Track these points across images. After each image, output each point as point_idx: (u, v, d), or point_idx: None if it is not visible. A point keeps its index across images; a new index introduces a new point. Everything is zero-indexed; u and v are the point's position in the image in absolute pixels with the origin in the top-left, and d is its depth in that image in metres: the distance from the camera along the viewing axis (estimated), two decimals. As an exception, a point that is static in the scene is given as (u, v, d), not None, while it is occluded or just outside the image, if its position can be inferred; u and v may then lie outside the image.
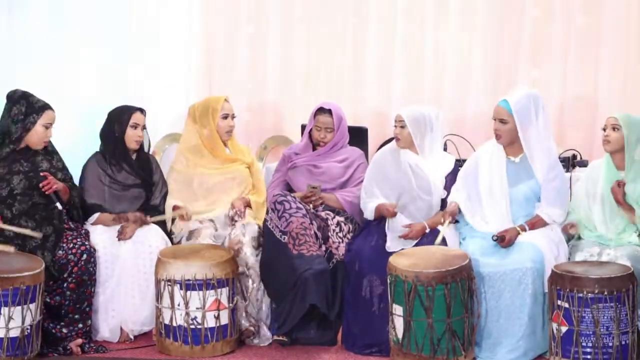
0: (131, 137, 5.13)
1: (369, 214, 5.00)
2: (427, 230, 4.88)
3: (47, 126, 4.81)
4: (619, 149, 4.70)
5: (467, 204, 4.87)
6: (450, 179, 4.99)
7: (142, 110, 5.18)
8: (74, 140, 5.98)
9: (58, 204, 4.78)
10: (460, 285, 4.44)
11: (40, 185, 4.75)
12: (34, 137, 4.79)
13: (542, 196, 4.79)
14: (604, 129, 4.74)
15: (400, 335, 4.50)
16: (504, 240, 4.66)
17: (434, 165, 4.99)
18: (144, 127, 5.18)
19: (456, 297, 4.43)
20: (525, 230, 4.73)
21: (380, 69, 6.27)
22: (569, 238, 4.78)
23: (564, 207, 4.78)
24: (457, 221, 4.90)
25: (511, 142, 4.81)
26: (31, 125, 4.76)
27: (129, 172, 5.15)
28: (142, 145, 5.25)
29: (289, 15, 6.41)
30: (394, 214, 4.88)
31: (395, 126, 5.00)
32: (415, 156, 4.99)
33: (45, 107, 4.82)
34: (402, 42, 6.23)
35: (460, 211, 4.87)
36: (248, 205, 5.24)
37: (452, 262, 4.48)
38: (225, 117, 5.28)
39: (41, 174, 4.78)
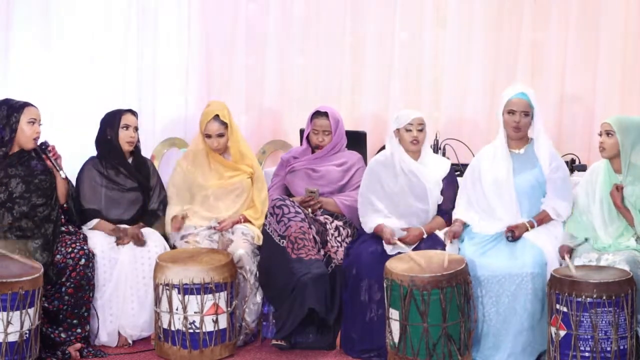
0: (124, 139, 5.13)
1: (367, 230, 4.99)
2: (425, 236, 4.88)
3: (32, 122, 4.80)
4: (615, 154, 4.69)
5: (471, 214, 4.89)
6: (447, 183, 5.00)
7: (132, 112, 5.20)
8: (69, 144, 5.99)
9: (62, 173, 4.80)
10: (456, 290, 4.43)
11: (48, 149, 4.79)
12: (22, 136, 4.79)
13: (548, 189, 4.82)
14: (600, 135, 4.74)
15: (396, 340, 4.50)
16: (514, 236, 4.69)
17: (430, 170, 4.99)
18: (136, 129, 5.18)
19: (452, 302, 4.42)
20: (534, 226, 4.76)
21: (378, 73, 6.27)
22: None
23: (569, 200, 4.80)
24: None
25: (525, 135, 4.88)
26: (16, 125, 4.77)
27: (126, 175, 5.16)
28: (137, 149, 5.25)
29: (288, 20, 6.41)
30: (391, 243, 4.82)
31: (411, 130, 4.93)
32: (413, 162, 4.99)
33: (26, 104, 4.84)
34: (400, 46, 6.23)
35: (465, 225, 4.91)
36: (246, 220, 5.24)
37: (447, 267, 4.48)
38: (209, 136, 5.26)
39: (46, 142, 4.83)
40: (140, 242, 4.99)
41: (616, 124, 4.67)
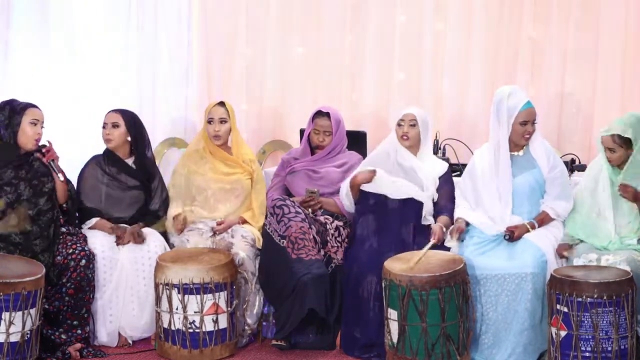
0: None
1: (345, 193, 5.00)
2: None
3: (34, 122, 4.81)
4: (623, 161, 4.68)
5: (471, 212, 4.89)
6: (443, 181, 5.02)
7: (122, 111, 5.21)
8: (69, 144, 5.99)
9: (60, 176, 4.82)
10: (454, 290, 4.43)
11: (43, 151, 4.80)
12: (23, 137, 4.79)
13: (547, 189, 4.83)
14: (604, 148, 4.70)
15: (395, 340, 4.50)
16: (512, 237, 4.69)
17: (428, 168, 5.00)
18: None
19: (450, 302, 4.42)
20: (534, 227, 4.76)
21: (379, 73, 6.28)
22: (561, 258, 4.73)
23: (569, 200, 4.81)
24: (462, 240, 4.88)
25: None
26: (17, 127, 4.77)
27: (129, 174, 5.16)
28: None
29: (288, 20, 6.42)
30: (372, 175, 4.89)
31: (402, 125, 4.98)
32: (412, 158, 5.00)
33: (28, 105, 4.84)
34: (400, 46, 6.23)
35: (467, 225, 4.90)
36: (244, 222, 5.24)
37: (446, 267, 4.48)
38: (210, 121, 5.26)
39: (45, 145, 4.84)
40: (139, 239, 4.99)
41: (617, 136, 4.62)
